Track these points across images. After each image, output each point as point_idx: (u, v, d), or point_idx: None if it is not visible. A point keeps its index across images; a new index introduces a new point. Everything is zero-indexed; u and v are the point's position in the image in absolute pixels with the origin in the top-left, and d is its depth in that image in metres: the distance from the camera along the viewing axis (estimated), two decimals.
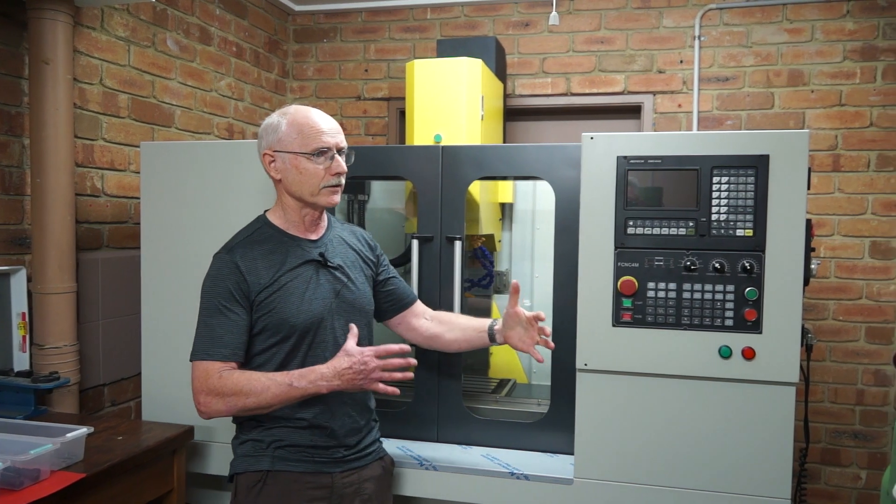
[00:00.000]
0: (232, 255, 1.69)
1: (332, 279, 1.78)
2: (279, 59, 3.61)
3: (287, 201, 1.76)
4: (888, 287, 3.07)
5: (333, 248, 1.83)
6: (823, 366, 3.13)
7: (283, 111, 1.74)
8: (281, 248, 1.73)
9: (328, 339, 1.75)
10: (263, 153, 1.73)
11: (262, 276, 1.68)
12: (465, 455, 2.17)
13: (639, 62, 3.31)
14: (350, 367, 1.64)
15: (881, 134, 3.05)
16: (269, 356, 1.71)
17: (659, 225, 1.95)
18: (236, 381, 1.63)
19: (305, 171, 1.70)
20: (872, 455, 3.11)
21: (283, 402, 1.65)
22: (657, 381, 1.97)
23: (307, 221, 1.78)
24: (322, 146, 1.70)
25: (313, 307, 1.72)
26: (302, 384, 1.63)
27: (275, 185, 1.77)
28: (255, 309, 1.68)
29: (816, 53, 3.11)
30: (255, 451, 1.73)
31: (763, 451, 1.91)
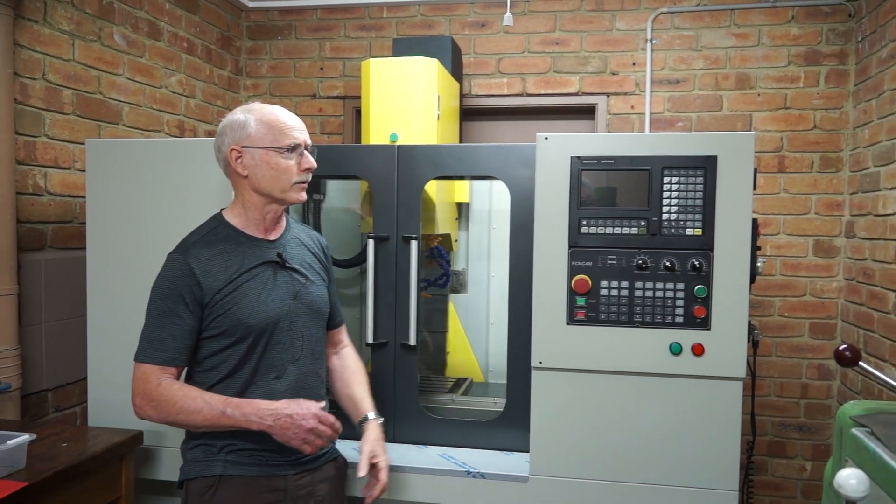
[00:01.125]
0: (186, 257, 1.66)
1: (289, 280, 1.76)
2: (232, 56, 3.55)
3: (251, 199, 1.73)
4: (830, 284, 3.18)
5: (291, 249, 1.81)
6: (769, 361, 3.23)
7: (247, 108, 1.72)
8: (238, 249, 1.71)
9: (285, 340, 1.73)
10: (230, 149, 1.69)
11: (217, 278, 1.66)
12: (422, 455, 2.16)
13: (593, 64, 3.35)
14: (292, 415, 1.63)
15: (824, 136, 3.16)
16: (222, 358, 1.69)
17: (612, 224, 1.98)
18: (172, 394, 1.62)
19: (278, 166, 1.69)
20: (816, 447, 3.22)
21: (212, 427, 1.64)
22: (610, 378, 2.00)
23: (268, 220, 1.76)
24: (294, 142, 1.70)
25: (270, 308, 1.70)
26: (235, 415, 1.61)
27: (236, 184, 1.74)
28: (210, 311, 1.66)
29: (763, 58, 3.20)
30: (207, 456, 1.70)
31: (711, 445, 1.95)
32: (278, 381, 1.72)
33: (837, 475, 1.10)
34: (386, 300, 2.22)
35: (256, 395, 1.68)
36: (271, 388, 1.71)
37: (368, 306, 2.22)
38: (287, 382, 1.73)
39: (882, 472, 1.17)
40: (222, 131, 1.72)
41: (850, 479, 1.08)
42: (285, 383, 1.73)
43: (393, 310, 2.22)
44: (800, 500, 3.25)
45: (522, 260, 2.11)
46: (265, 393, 1.69)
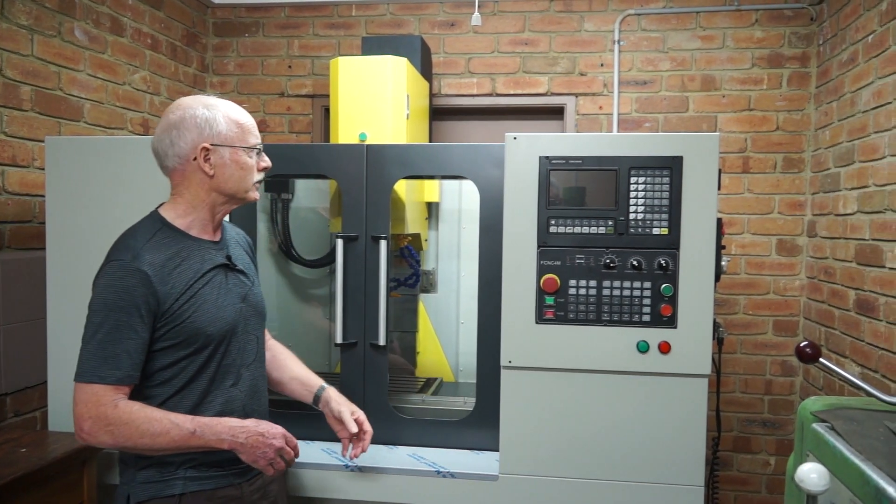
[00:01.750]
0: (139, 263, 1.53)
1: (238, 283, 1.72)
2: (198, 53, 3.49)
3: (206, 199, 1.64)
4: (793, 282, 3.24)
5: (233, 249, 1.76)
6: (734, 358, 3.29)
7: (206, 104, 1.63)
8: (189, 253, 1.62)
9: (239, 346, 1.69)
10: (199, 146, 1.59)
11: (175, 285, 1.56)
12: (391, 455, 2.16)
13: (562, 64, 3.37)
14: (263, 433, 1.60)
15: (787, 137, 3.22)
16: (177, 370, 1.59)
17: (580, 224, 2.00)
18: (133, 416, 1.50)
19: (245, 165, 1.65)
20: (780, 442, 3.28)
21: (178, 449, 1.55)
22: (579, 377, 2.01)
23: (216, 221, 1.70)
24: (256, 141, 1.68)
25: (227, 314, 1.65)
26: (206, 434, 1.54)
27: (189, 182, 1.64)
28: (165, 321, 1.56)
29: (727, 60, 3.25)
30: (163, 476, 1.60)
31: (678, 441, 1.98)
32: (235, 388, 1.68)
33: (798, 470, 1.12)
34: (355, 300, 2.21)
35: (215, 405, 1.63)
36: (229, 396, 1.66)
37: (337, 306, 2.20)
38: (243, 388, 1.70)
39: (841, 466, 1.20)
40: (181, 126, 1.60)
41: (810, 474, 1.10)
42: (242, 389, 1.69)
43: (362, 310, 2.21)
44: (764, 495, 3.31)
45: (492, 259, 2.11)
46: (224, 401, 1.65)
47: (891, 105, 2.41)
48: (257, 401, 1.74)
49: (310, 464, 2.10)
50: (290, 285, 3.02)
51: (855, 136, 2.70)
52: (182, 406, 1.60)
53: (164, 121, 1.63)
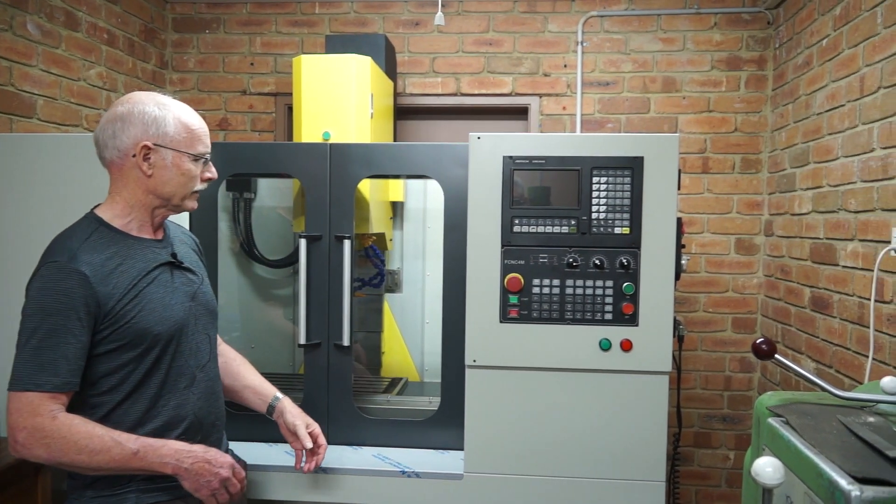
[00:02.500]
0: (76, 263, 1.46)
1: (186, 281, 1.66)
2: (157, 49, 3.42)
3: (140, 200, 1.58)
4: (751, 280, 3.32)
5: (179, 247, 1.70)
6: (695, 355, 3.35)
7: (159, 102, 1.57)
8: (130, 252, 1.56)
9: (191, 347, 1.64)
10: (140, 143, 1.53)
11: (117, 286, 1.50)
12: (356, 455, 2.15)
13: (526, 65, 3.39)
14: (210, 460, 1.55)
15: (744, 139, 3.30)
16: (124, 375, 1.52)
17: (543, 223, 2.01)
18: (72, 430, 1.43)
19: (187, 172, 1.59)
20: (739, 436, 3.36)
21: (116, 470, 1.48)
22: (543, 375, 2.03)
23: (156, 223, 1.64)
24: (204, 150, 1.63)
25: (175, 313, 1.59)
26: (149, 456, 1.48)
27: (125, 181, 1.57)
28: (108, 323, 1.49)
29: (687, 62, 3.31)
30: (114, 488, 1.53)
31: (640, 437, 2.01)
32: (189, 390, 1.62)
33: (754, 464, 1.14)
34: (319, 300, 2.19)
35: (167, 408, 1.58)
36: (183, 398, 1.60)
37: (301, 307, 2.18)
38: (198, 390, 1.64)
39: (796, 459, 1.23)
40: (127, 120, 1.54)
41: (766, 468, 1.12)
42: (196, 391, 1.64)
43: (326, 310, 2.19)
44: (724, 489, 3.38)
45: (456, 259, 2.11)
46: (176, 404, 1.59)
47: (844, 107, 2.48)
48: (213, 403, 1.69)
49: (273, 466, 2.08)
50: (253, 286, 2.98)
51: (810, 137, 2.77)
52: (132, 413, 1.54)
53: (112, 111, 1.57)
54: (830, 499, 1.09)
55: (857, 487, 1.05)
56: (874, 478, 1.08)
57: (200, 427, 1.65)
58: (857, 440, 1.24)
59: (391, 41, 3.13)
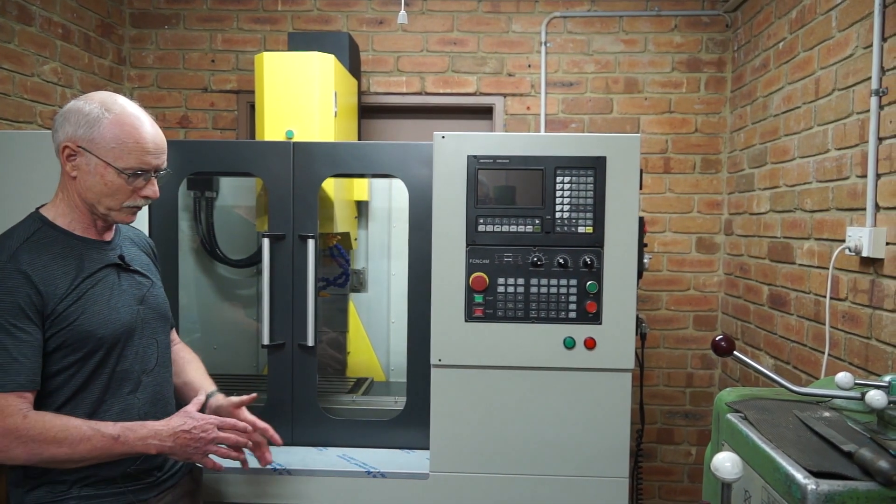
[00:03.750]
0: (16, 263, 1.43)
1: (134, 284, 1.62)
2: (114, 45, 3.34)
3: (76, 201, 1.53)
4: (712, 279, 3.38)
5: (128, 250, 1.66)
6: (657, 352, 3.40)
7: (107, 105, 1.50)
8: (73, 252, 1.52)
9: (138, 350, 1.60)
10: (63, 144, 1.47)
11: (58, 286, 1.46)
12: (321, 457, 2.13)
13: (490, 65, 3.40)
14: (190, 430, 1.53)
15: (704, 139, 3.36)
16: (67, 377, 1.49)
17: (508, 222, 2.02)
18: (48, 425, 1.41)
19: (111, 184, 1.50)
20: (701, 432, 3.42)
21: (101, 458, 1.46)
22: (508, 374, 2.04)
23: (99, 225, 1.58)
24: (141, 167, 1.51)
25: (121, 316, 1.55)
26: (131, 439, 1.46)
27: (63, 179, 1.53)
28: (51, 324, 1.45)
29: (649, 63, 3.35)
30: (54, 496, 1.48)
31: (603, 434, 2.03)
32: (133, 395, 1.58)
33: (714, 459, 1.16)
34: (283, 300, 2.17)
35: (110, 413, 1.53)
36: (127, 404, 1.56)
37: (265, 307, 2.15)
38: (144, 396, 1.60)
39: (753, 454, 1.25)
40: (66, 116, 1.49)
41: (724, 463, 1.14)
42: (142, 397, 1.60)
43: (290, 310, 2.16)
44: (686, 484, 3.44)
45: (422, 258, 2.11)
46: (120, 410, 1.55)
47: (799, 109, 2.54)
48: (161, 409, 1.65)
49: (234, 468, 2.04)
50: (215, 286, 2.93)
51: (767, 138, 2.84)
52: (75, 416, 1.49)
53: (69, 103, 1.53)
54: (787, 493, 1.12)
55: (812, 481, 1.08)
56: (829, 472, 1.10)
57: None
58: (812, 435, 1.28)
59: (355, 39, 3.11)
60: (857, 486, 1.07)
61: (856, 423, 1.33)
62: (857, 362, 2.10)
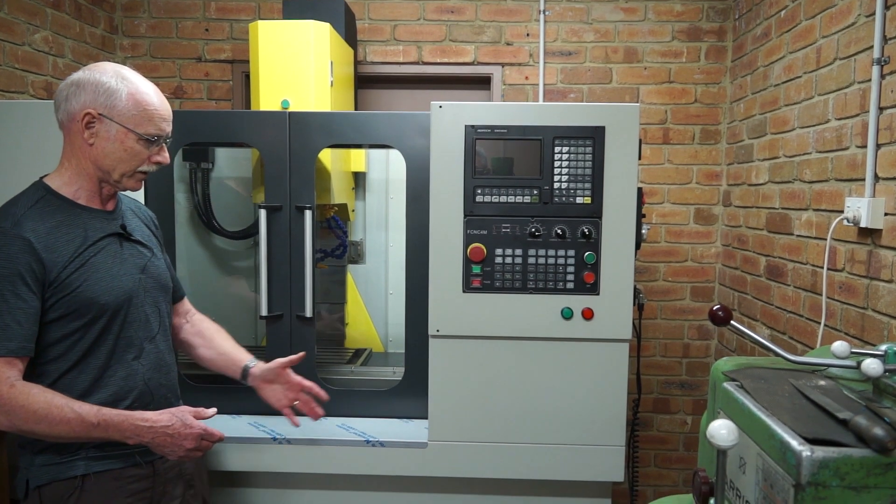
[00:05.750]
0: (19, 230, 1.46)
1: (136, 253, 1.65)
2: (106, 13, 3.29)
3: (87, 169, 1.56)
4: (709, 250, 3.38)
5: (130, 220, 1.69)
6: (654, 323, 3.41)
7: (120, 75, 1.55)
8: (76, 221, 1.55)
9: (140, 318, 1.63)
10: (85, 111, 1.51)
11: (61, 253, 1.49)
12: (320, 426, 2.14)
13: (488, 33, 3.36)
14: (172, 434, 1.54)
15: (704, 110, 3.33)
16: (70, 344, 1.52)
17: (506, 193, 2.01)
18: (31, 399, 1.43)
19: (130, 150, 1.55)
20: (696, 402, 3.45)
21: (78, 439, 1.49)
22: (505, 344, 2.04)
23: (104, 194, 1.61)
24: (158, 134, 1.58)
25: (123, 283, 1.58)
26: (109, 429, 1.49)
27: (73, 149, 1.56)
28: (54, 291, 1.48)
29: (649, 32, 3.31)
30: (63, 456, 1.54)
31: (601, 404, 2.05)
32: (137, 362, 1.62)
33: (709, 426, 1.17)
34: (280, 272, 2.17)
35: (115, 378, 1.57)
36: (131, 370, 1.60)
37: (262, 278, 2.15)
38: (147, 362, 1.64)
39: (749, 421, 1.26)
40: (81, 85, 1.52)
41: (720, 430, 1.15)
42: (145, 363, 1.63)
43: (288, 282, 2.16)
44: (682, 452, 3.48)
45: (419, 229, 2.10)
46: (125, 375, 1.59)
47: (800, 79, 2.52)
48: (163, 375, 1.69)
49: (236, 438, 2.06)
50: (212, 257, 2.93)
51: (767, 108, 2.81)
52: (79, 382, 1.53)
53: (75, 73, 1.56)
54: (782, 459, 1.13)
55: (807, 448, 1.09)
56: (824, 439, 1.11)
57: (152, 398, 1.64)
58: (808, 403, 1.28)
59: (351, 7, 3.06)
60: (852, 452, 1.08)
61: (851, 392, 1.34)
62: (853, 332, 2.11)
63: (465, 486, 2.14)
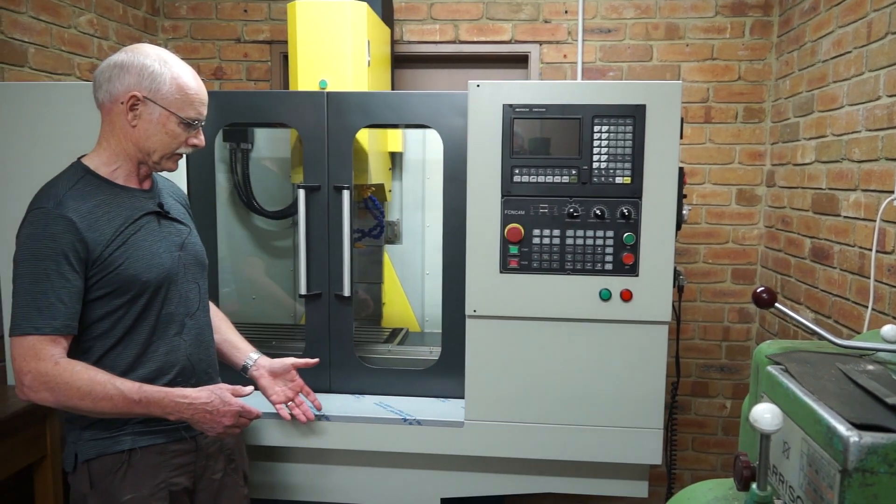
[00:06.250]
0: (62, 210, 1.48)
1: (173, 231, 1.68)
2: None
3: (126, 150, 1.59)
4: (752, 231, 3.31)
5: (166, 199, 1.72)
6: (694, 305, 3.36)
7: (162, 59, 1.57)
8: (116, 200, 1.57)
9: (181, 295, 1.66)
10: (130, 93, 1.54)
11: (103, 232, 1.52)
12: (358, 404, 2.17)
13: (525, 11, 3.31)
14: (211, 411, 1.57)
15: (748, 87, 3.24)
16: (113, 321, 1.56)
17: (543, 173, 1.99)
18: (75, 376, 1.46)
19: (171, 133, 1.59)
20: (736, 386, 3.40)
21: (121, 415, 1.53)
22: (542, 325, 2.04)
23: (142, 174, 1.65)
24: (197, 118, 1.62)
25: (163, 261, 1.61)
26: (151, 408, 1.52)
27: (113, 129, 1.58)
28: (97, 269, 1.52)
29: (691, 8, 3.23)
30: (110, 431, 1.58)
31: (638, 386, 2.03)
32: (179, 337, 1.65)
33: (753, 410, 1.15)
34: (319, 251, 2.19)
35: (157, 354, 1.61)
36: (173, 345, 1.64)
37: (301, 258, 2.18)
38: (188, 338, 1.68)
39: (794, 406, 1.24)
40: (125, 67, 1.55)
41: (764, 414, 1.13)
42: (186, 339, 1.67)
43: (326, 261, 2.19)
44: (720, 437, 3.44)
45: (456, 209, 2.10)
46: (167, 351, 1.62)
47: (850, 54, 2.43)
48: (203, 350, 1.73)
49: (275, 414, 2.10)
50: (252, 237, 2.98)
51: (814, 85, 2.72)
52: (124, 357, 1.57)
53: (117, 55, 1.58)
54: (829, 445, 1.11)
55: (855, 433, 1.06)
56: (873, 424, 1.08)
57: (193, 372, 1.68)
58: (855, 388, 1.25)
59: None
60: None
61: None
62: None
63: (501, 465, 2.15)
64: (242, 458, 1.87)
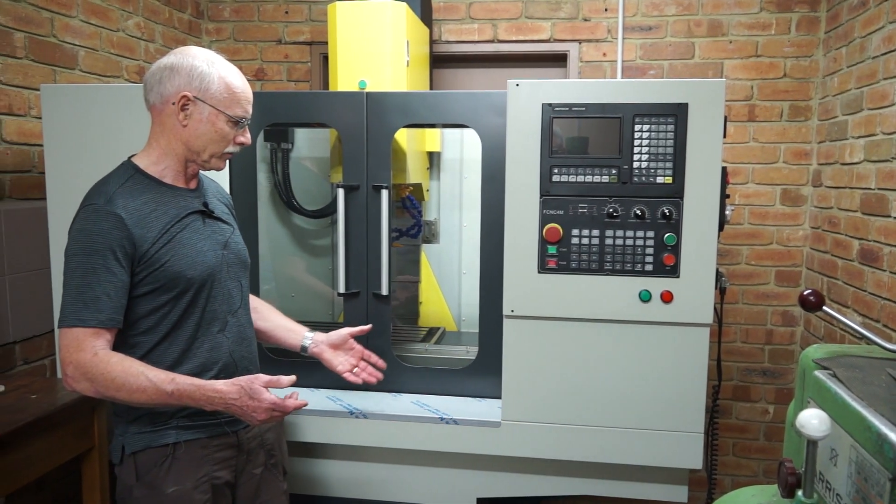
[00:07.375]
0: (112, 206, 1.52)
1: (217, 230, 1.71)
2: None
3: (175, 149, 1.63)
4: (797, 233, 3.23)
5: (211, 198, 1.76)
6: (736, 308, 3.29)
7: (209, 60, 1.61)
8: (163, 199, 1.61)
9: (224, 292, 1.69)
10: (181, 93, 1.58)
11: (150, 229, 1.56)
12: (395, 403, 2.19)
13: (564, 9, 3.29)
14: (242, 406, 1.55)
15: (793, 85, 3.16)
16: (160, 317, 1.59)
17: (583, 172, 1.97)
18: (110, 368, 1.48)
19: (220, 131, 1.63)
20: (779, 390, 3.32)
21: (157, 406, 1.55)
22: (581, 326, 2.02)
23: (189, 174, 1.68)
24: (244, 116, 1.66)
25: (207, 258, 1.64)
26: (183, 400, 1.53)
27: (164, 129, 1.62)
28: (143, 265, 1.55)
29: (735, 4, 3.16)
30: (156, 425, 1.61)
31: (679, 389, 2.00)
32: (222, 334, 1.68)
33: (800, 416, 1.13)
34: (357, 250, 2.21)
35: (202, 350, 1.64)
36: (216, 342, 1.67)
37: (339, 256, 2.20)
38: (231, 335, 1.70)
39: (843, 412, 1.21)
40: (175, 69, 1.59)
41: (811, 420, 1.11)
42: (229, 336, 1.70)
43: (364, 260, 2.21)
44: (762, 442, 3.37)
45: (494, 209, 2.10)
46: (210, 347, 1.65)
47: None
48: (245, 347, 1.76)
49: (314, 411, 2.13)
50: (292, 235, 3.02)
51: (864, 82, 2.65)
52: (170, 353, 1.61)
53: (166, 58, 1.62)
54: (879, 451, 1.08)
55: None
56: None
57: (236, 369, 1.70)
58: None
59: None
60: None
61: None
62: None
63: (538, 466, 2.15)
64: (282, 453, 1.89)
